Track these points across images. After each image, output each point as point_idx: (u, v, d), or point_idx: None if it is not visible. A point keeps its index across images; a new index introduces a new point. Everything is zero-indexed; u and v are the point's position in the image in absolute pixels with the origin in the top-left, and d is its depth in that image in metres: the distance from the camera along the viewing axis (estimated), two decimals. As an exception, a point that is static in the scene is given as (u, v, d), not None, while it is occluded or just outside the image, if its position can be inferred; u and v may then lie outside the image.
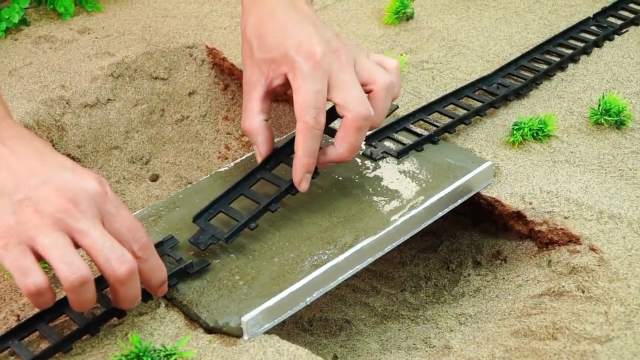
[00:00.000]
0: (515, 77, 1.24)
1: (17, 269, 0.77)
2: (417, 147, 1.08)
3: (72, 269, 0.77)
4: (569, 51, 1.29)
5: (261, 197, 0.96)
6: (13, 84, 1.28)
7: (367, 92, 0.96)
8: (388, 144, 1.10)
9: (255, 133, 0.99)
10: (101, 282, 0.88)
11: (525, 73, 1.25)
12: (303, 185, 0.96)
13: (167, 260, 0.91)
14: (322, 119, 0.93)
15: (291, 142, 0.98)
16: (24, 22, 1.42)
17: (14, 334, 0.83)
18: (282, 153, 1.00)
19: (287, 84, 0.97)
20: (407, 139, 1.10)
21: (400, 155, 1.07)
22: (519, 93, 1.20)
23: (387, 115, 1.03)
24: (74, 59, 1.33)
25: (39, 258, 0.78)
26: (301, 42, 0.95)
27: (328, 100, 0.95)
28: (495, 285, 1.04)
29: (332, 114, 0.97)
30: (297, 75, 0.94)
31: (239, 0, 1.50)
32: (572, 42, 1.32)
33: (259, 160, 1.00)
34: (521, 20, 1.42)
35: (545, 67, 1.25)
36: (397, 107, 1.14)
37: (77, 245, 0.78)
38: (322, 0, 1.49)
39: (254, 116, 0.99)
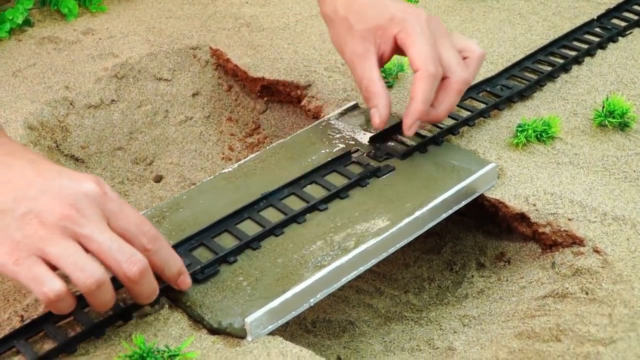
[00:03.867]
0: (519, 79, 1.24)
1: (32, 280, 0.77)
2: (421, 148, 1.08)
3: (86, 273, 0.77)
4: (573, 53, 1.29)
5: (245, 234, 0.95)
6: (17, 85, 1.28)
7: (463, 58, 1.04)
8: (392, 145, 1.10)
9: (379, 97, 1.03)
10: (114, 281, 0.88)
11: (529, 75, 1.24)
12: (412, 131, 1.02)
13: None
14: (441, 69, 1.00)
15: (284, 187, 1.01)
16: (27, 23, 1.42)
17: (20, 333, 0.83)
18: (273, 197, 1.00)
19: (394, 48, 1.04)
20: (411, 141, 1.10)
21: (404, 156, 1.07)
22: (523, 95, 1.20)
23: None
24: (77, 59, 1.33)
25: (53, 268, 0.78)
26: (405, 7, 1.03)
27: None
28: (498, 287, 1.04)
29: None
30: (410, 33, 1.01)
31: (242, 1, 1.50)
32: (576, 44, 1.32)
33: (376, 123, 1.04)
34: (525, 22, 1.42)
35: (549, 68, 1.25)
36: None
37: (86, 250, 0.78)
38: (326, 1, 1.49)
39: (376, 81, 1.03)
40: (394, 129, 1.11)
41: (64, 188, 0.79)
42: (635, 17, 1.39)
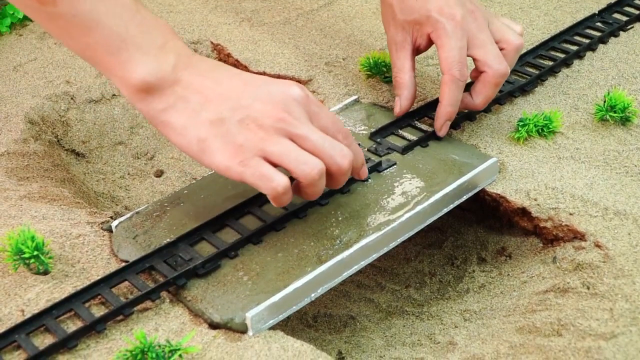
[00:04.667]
0: (520, 74, 1.23)
1: (260, 178, 0.86)
2: (421, 143, 1.08)
3: (310, 165, 0.87)
4: (574, 47, 1.29)
5: (246, 229, 0.95)
6: (18, 80, 1.28)
7: (500, 49, 1.07)
8: (393, 140, 1.09)
9: (404, 87, 1.10)
10: (111, 279, 0.88)
11: (530, 69, 1.24)
12: (443, 131, 1.08)
13: (177, 261, 0.91)
14: (466, 72, 1.04)
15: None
16: (28, 17, 1.42)
17: (20, 328, 0.83)
18: None
19: (429, 43, 1.09)
20: (412, 135, 1.10)
21: (405, 151, 1.07)
22: (524, 89, 1.20)
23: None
24: (78, 54, 1.33)
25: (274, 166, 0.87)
26: (442, 5, 1.06)
27: (468, 56, 1.06)
28: (500, 281, 1.04)
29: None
30: (441, 34, 1.05)
31: (243, -4, 1.50)
32: (577, 38, 1.31)
33: (396, 112, 1.12)
34: (526, 17, 1.42)
35: (550, 63, 1.25)
36: None
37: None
38: (327, -4, 1.49)
39: (406, 72, 1.10)
40: (395, 124, 1.11)
41: (273, 94, 0.88)
42: (637, 12, 1.38)
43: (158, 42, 0.89)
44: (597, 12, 1.37)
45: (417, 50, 1.11)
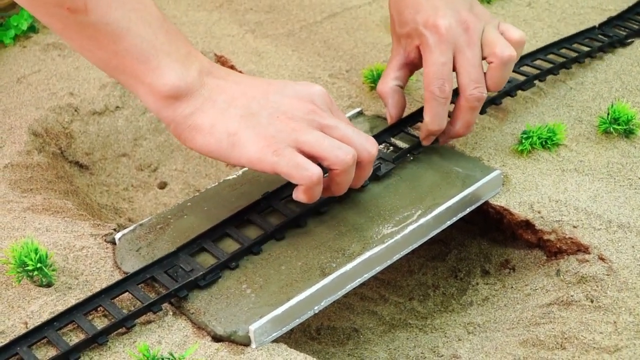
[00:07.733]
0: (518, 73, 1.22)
1: (295, 167, 0.88)
2: (414, 150, 1.07)
3: (343, 151, 0.89)
4: (574, 54, 1.27)
5: (245, 238, 0.95)
6: (21, 92, 1.28)
7: (489, 62, 1.04)
8: (385, 149, 1.09)
9: (387, 96, 1.09)
10: (112, 290, 0.88)
11: (527, 70, 1.23)
12: (426, 142, 1.07)
13: (178, 272, 0.91)
14: (447, 88, 1.02)
15: (283, 187, 1.00)
16: (32, 29, 1.42)
17: (22, 340, 0.83)
18: (274, 198, 1.00)
19: (421, 56, 1.06)
20: (403, 143, 1.09)
21: (396, 160, 1.06)
22: (522, 88, 1.19)
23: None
24: (82, 66, 1.33)
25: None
26: (428, 16, 1.03)
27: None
28: (503, 294, 1.04)
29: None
30: (425, 48, 1.03)
31: (247, 8, 1.50)
32: (576, 47, 1.30)
33: (389, 122, 1.10)
34: (530, 29, 1.41)
35: (547, 66, 1.23)
36: None
37: None
38: (330, 8, 1.49)
39: (387, 81, 1.09)
40: (388, 131, 1.10)
41: (298, 91, 0.92)
42: (636, 26, 1.37)
43: (183, 50, 0.91)
44: (597, 25, 1.36)
45: (412, 64, 1.09)
